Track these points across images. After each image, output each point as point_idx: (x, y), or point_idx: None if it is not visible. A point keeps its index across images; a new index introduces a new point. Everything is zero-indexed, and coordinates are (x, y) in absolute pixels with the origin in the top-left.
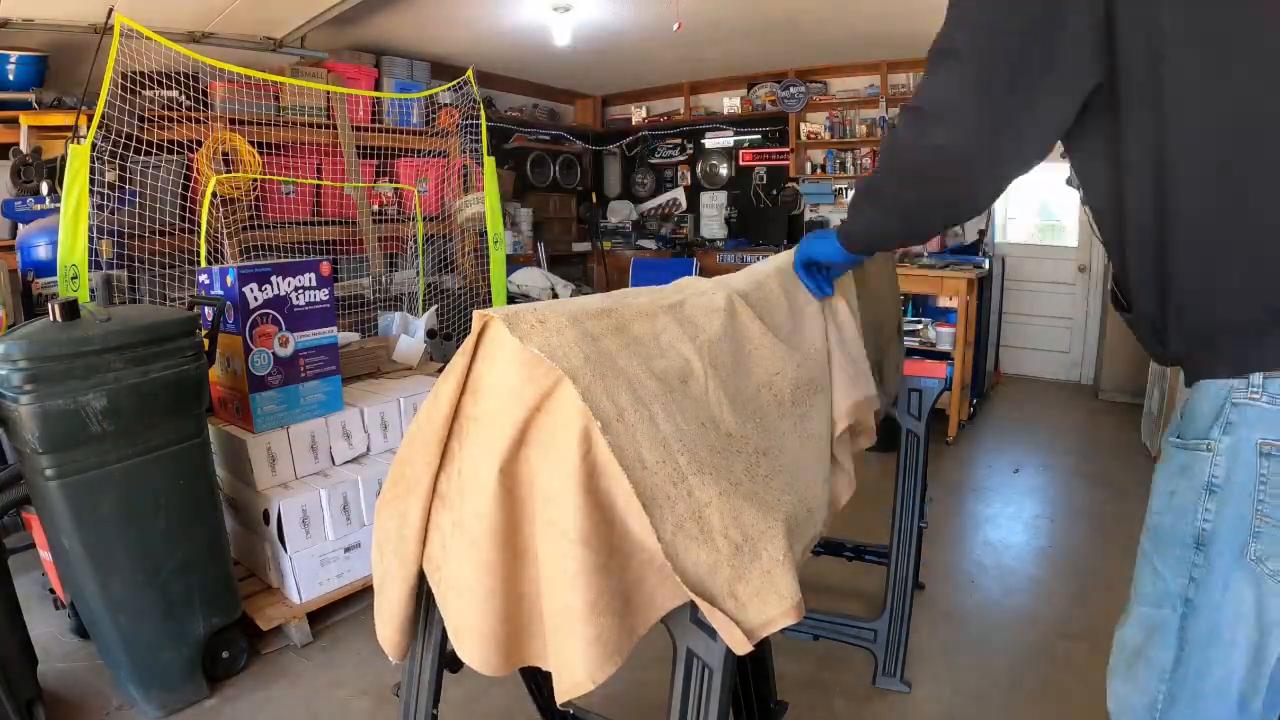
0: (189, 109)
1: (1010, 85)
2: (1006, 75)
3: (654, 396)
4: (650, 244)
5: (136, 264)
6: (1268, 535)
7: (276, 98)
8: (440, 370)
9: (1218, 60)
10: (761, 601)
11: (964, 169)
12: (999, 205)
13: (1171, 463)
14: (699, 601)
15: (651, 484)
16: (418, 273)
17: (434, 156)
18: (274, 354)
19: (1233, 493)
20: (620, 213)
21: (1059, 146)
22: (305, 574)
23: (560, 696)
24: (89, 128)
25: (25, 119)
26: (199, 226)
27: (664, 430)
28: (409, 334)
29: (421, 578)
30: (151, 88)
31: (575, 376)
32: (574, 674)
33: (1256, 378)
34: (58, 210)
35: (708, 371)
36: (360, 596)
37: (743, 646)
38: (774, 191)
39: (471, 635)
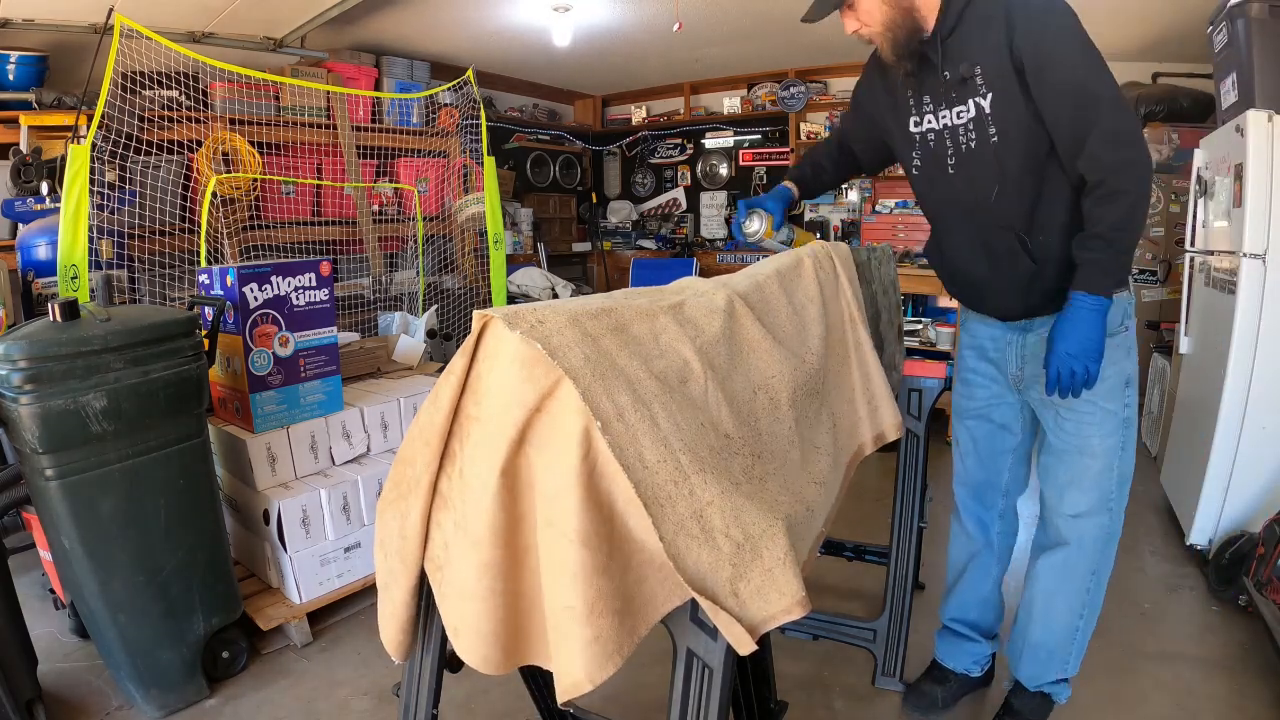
0: (189, 109)
1: None
2: None
3: (654, 396)
4: (650, 244)
5: (136, 264)
6: None
7: (276, 98)
8: (440, 370)
9: None
10: (763, 599)
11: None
12: None
13: (1118, 349)
14: (701, 601)
15: (652, 483)
16: (418, 273)
17: (434, 156)
18: (274, 354)
19: (1134, 350)
20: (620, 213)
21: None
22: (305, 574)
23: (560, 696)
24: (89, 128)
25: (25, 119)
26: (199, 226)
27: (665, 430)
28: (409, 334)
29: (423, 577)
30: (151, 88)
31: (575, 376)
32: (573, 674)
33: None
34: (58, 210)
35: (707, 373)
36: (360, 596)
37: (745, 645)
38: None
39: (472, 634)
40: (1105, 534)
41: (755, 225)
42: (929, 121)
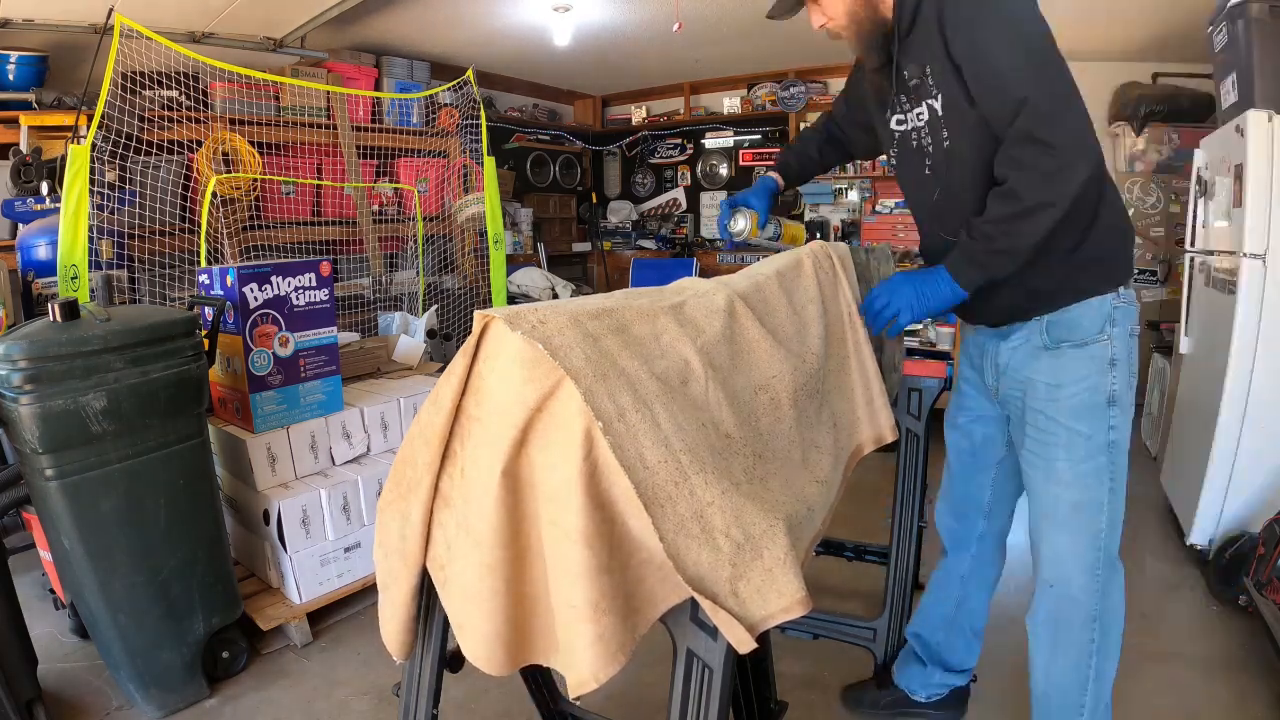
0: (189, 109)
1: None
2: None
3: (655, 397)
4: (650, 244)
5: (136, 264)
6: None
7: (276, 98)
8: (440, 370)
9: None
10: (763, 599)
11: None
12: None
13: (1074, 360)
14: (701, 600)
15: (653, 483)
16: (418, 273)
17: (434, 156)
18: (274, 354)
19: (1123, 364)
20: (620, 213)
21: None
22: (305, 574)
23: (572, 692)
24: (89, 128)
25: (25, 119)
26: (199, 226)
27: (666, 430)
28: (409, 334)
29: (424, 578)
30: (151, 88)
31: (576, 377)
32: (578, 672)
33: (1124, 290)
34: (58, 210)
35: (707, 373)
36: (360, 597)
37: (745, 645)
38: None
39: (475, 635)
40: (1096, 577)
41: (740, 224)
42: (903, 120)
